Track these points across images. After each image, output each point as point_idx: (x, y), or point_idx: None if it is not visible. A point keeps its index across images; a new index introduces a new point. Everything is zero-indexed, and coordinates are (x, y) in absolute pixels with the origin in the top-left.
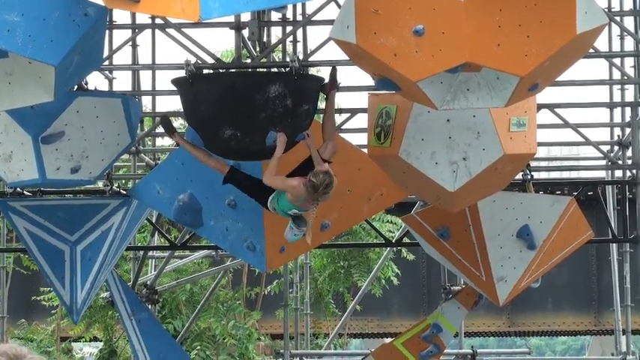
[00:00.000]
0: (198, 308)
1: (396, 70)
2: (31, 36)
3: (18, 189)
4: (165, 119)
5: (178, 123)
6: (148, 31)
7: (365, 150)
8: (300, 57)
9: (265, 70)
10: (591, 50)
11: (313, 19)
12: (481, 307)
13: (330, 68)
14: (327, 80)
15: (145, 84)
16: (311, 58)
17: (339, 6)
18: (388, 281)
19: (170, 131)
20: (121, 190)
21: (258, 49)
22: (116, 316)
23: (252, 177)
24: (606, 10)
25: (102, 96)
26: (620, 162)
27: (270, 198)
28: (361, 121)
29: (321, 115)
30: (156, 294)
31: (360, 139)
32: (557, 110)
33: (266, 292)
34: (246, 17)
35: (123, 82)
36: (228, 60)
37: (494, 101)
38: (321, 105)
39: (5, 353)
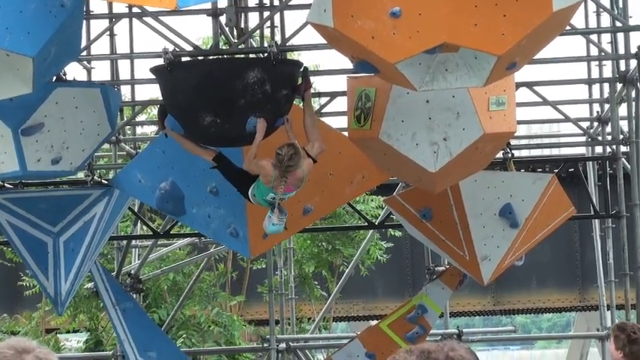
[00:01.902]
0: (183, 296)
1: (374, 52)
2: (8, 28)
3: None
4: (161, 108)
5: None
6: (125, 21)
7: (345, 133)
8: (278, 42)
9: (243, 56)
10: (568, 27)
11: (290, 3)
12: (466, 286)
13: (311, 59)
14: (301, 80)
15: (124, 73)
16: (289, 43)
17: None
18: (374, 262)
19: (163, 121)
20: (103, 180)
21: (235, 35)
22: (102, 305)
23: (236, 166)
24: None
25: (81, 86)
26: (600, 138)
27: (251, 188)
28: (341, 104)
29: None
30: (140, 283)
31: (340, 123)
32: (535, 88)
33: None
34: (223, 4)
35: (101, 71)
36: (208, 47)
37: (472, 81)
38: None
39: (13, 347)
